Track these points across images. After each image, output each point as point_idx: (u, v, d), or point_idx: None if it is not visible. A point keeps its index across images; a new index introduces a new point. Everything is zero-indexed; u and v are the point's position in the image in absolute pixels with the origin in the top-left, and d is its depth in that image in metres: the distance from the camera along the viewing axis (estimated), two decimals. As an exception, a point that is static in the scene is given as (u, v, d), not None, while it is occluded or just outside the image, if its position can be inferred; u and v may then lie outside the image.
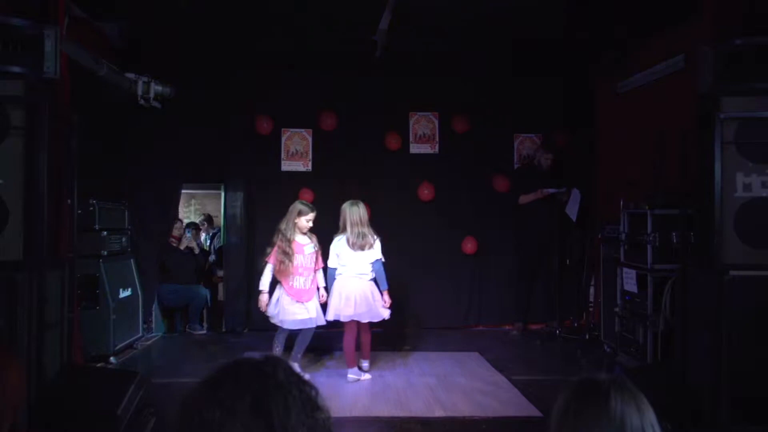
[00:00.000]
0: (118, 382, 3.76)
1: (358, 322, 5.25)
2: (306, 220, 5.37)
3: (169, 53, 6.70)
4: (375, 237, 5.32)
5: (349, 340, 5.28)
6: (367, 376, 5.33)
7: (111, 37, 6.15)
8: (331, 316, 5.22)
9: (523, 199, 7.14)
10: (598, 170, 7.43)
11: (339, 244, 5.30)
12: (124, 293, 6.18)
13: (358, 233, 5.22)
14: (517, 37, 6.27)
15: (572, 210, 7.01)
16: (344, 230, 5.29)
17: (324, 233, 7.47)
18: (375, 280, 5.30)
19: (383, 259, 5.32)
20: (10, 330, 3.28)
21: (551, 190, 7.00)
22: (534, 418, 4.36)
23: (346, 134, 7.50)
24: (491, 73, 7.43)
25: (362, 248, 5.22)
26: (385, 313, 5.24)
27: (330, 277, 5.33)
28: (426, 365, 5.74)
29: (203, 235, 9.18)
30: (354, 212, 5.30)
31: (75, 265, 4.16)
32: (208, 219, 9.80)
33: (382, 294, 5.29)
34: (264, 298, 5.30)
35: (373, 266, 5.27)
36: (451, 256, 7.56)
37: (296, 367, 5.07)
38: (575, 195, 7.00)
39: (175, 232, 7.53)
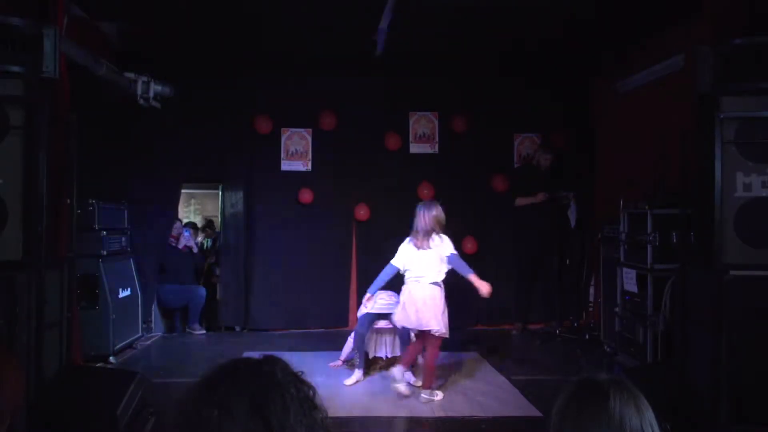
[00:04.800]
0: (118, 382, 3.76)
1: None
2: None
3: (169, 53, 6.70)
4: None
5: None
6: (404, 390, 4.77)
7: (110, 36, 6.15)
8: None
9: (520, 201, 7.13)
10: (598, 170, 7.43)
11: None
12: (124, 293, 6.17)
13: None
14: (517, 36, 6.26)
15: (572, 215, 7.01)
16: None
17: (324, 233, 7.52)
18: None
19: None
20: (9, 330, 3.28)
21: (548, 195, 6.98)
22: (534, 418, 4.36)
23: (345, 134, 7.50)
24: (491, 73, 7.42)
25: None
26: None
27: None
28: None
29: (200, 238, 9.16)
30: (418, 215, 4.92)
31: (75, 265, 4.16)
32: (209, 224, 9.76)
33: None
34: None
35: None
36: (451, 256, 7.54)
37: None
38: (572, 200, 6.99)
39: (174, 232, 7.53)
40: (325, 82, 7.41)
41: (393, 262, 4.95)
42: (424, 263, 4.84)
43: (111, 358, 5.69)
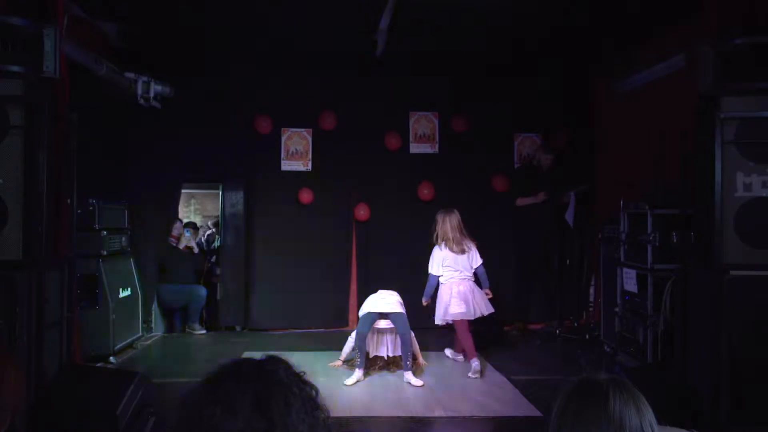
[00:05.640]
0: (118, 382, 3.75)
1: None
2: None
3: (169, 53, 6.70)
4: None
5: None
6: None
7: (110, 36, 6.15)
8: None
9: (521, 201, 7.14)
10: (598, 170, 7.43)
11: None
12: (124, 293, 6.17)
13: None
14: (517, 36, 6.26)
15: (569, 215, 7.01)
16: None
17: (324, 233, 7.53)
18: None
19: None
20: (9, 330, 3.28)
21: (548, 195, 6.99)
22: (534, 417, 4.36)
23: (346, 134, 7.49)
24: (491, 73, 7.42)
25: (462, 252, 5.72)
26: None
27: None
28: (426, 365, 5.73)
29: (208, 232, 9.15)
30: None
31: (75, 265, 4.15)
32: (218, 223, 9.73)
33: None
34: None
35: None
36: (451, 256, 7.54)
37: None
38: (571, 199, 6.99)
39: (175, 232, 7.53)
40: (325, 81, 7.41)
41: (434, 272, 5.74)
42: (464, 264, 5.71)
43: (111, 358, 5.68)
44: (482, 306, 5.69)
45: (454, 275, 5.66)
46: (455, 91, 7.55)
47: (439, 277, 5.69)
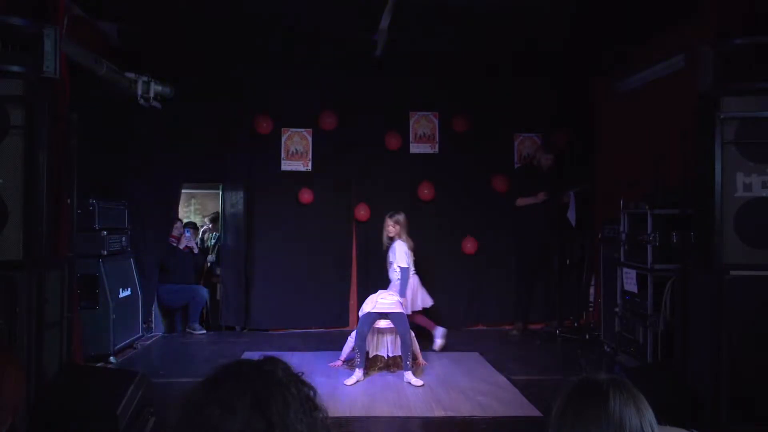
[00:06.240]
0: (118, 381, 3.75)
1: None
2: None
3: (169, 53, 6.70)
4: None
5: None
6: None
7: (110, 36, 6.15)
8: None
9: (521, 201, 7.15)
10: (598, 170, 7.43)
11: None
12: (124, 293, 6.17)
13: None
14: (517, 36, 6.26)
15: (571, 215, 7.01)
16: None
17: (324, 233, 7.53)
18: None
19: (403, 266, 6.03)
20: (9, 330, 3.28)
21: (548, 195, 6.99)
22: (534, 418, 4.36)
23: (346, 134, 7.50)
24: (491, 73, 7.42)
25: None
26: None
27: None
28: (426, 365, 5.73)
29: (204, 227, 9.15)
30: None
31: (75, 265, 4.15)
32: (215, 219, 9.75)
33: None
34: None
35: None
36: (451, 256, 7.55)
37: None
38: (572, 199, 6.99)
39: (175, 232, 7.53)
40: (325, 81, 7.41)
41: (409, 266, 6.03)
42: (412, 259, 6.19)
43: (111, 358, 5.68)
44: (425, 299, 6.32)
45: (411, 272, 6.16)
46: (455, 91, 7.55)
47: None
